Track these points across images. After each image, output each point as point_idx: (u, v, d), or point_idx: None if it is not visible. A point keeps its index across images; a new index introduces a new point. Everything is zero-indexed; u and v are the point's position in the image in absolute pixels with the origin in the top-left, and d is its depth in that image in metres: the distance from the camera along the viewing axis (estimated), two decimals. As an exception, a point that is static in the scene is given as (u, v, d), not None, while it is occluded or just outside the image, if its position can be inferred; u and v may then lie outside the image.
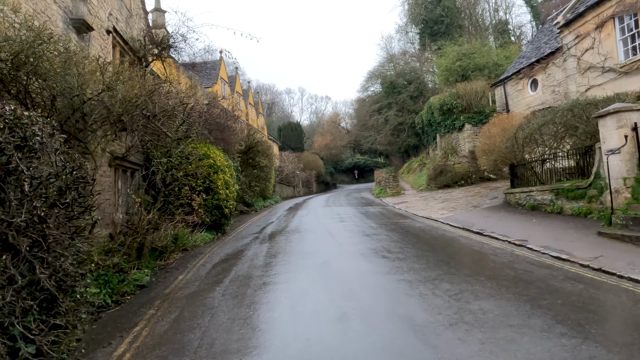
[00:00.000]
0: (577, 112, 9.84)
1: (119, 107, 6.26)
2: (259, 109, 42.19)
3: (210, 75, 30.84)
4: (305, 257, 8.25)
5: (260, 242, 10.56)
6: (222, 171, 12.30)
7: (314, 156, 48.76)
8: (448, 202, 16.13)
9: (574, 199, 9.89)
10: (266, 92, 76.57)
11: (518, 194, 12.41)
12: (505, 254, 7.69)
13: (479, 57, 27.75)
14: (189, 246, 10.21)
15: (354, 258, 7.81)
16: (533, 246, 8.12)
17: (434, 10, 39.81)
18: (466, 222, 11.45)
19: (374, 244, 9.10)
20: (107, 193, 9.36)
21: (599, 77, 15.03)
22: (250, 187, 19.82)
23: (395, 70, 43.65)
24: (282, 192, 31.08)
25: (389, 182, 24.30)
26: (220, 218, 12.22)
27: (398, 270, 6.61)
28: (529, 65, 19.70)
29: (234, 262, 8.35)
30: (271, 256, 8.59)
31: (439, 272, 6.39)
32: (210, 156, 12.05)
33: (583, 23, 15.67)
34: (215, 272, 7.57)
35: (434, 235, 10.06)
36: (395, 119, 40.26)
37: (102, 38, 9.48)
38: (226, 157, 13.36)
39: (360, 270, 6.83)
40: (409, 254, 7.82)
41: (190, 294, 6.28)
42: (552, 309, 4.58)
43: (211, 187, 11.80)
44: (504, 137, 13.05)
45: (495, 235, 9.39)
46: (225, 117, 13.58)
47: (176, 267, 8.29)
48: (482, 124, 21.67)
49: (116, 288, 6.34)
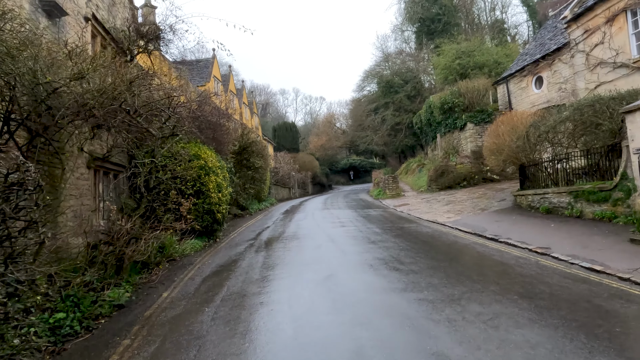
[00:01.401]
0: (599, 107, 9.08)
1: (91, 99, 5.34)
2: (254, 109, 41.24)
3: (202, 73, 29.88)
4: (307, 269, 7.38)
5: (255, 251, 9.66)
6: (214, 173, 11.40)
7: (310, 157, 47.86)
8: (453, 205, 15.34)
9: (596, 202, 9.12)
10: (260, 93, 75.58)
11: (531, 196, 11.64)
12: (529, 264, 6.88)
13: (479, 55, 27.09)
14: (177, 255, 9.30)
15: (362, 270, 6.95)
16: (559, 255, 7.33)
17: (431, 9, 39.16)
18: (477, 227, 10.65)
19: (381, 252, 8.25)
20: (85, 198, 8.42)
21: (610, 73, 14.33)
22: (244, 190, 18.91)
23: (392, 69, 42.91)
24: (277, 194, 30.16)
25: (388, 183, 23.50)
26: (212, 224, 11.31)
27: (415, 286, 5.76)
28: (534, 62, 19.01)
29: (227, 275, 7.46)
30: (268, 268, 7.70)
31: (463, 288, 5.56)
32: (201, 157, 11.14)
33: (592, 17, 14.98)
34: (205, 288, 6.67)
35: (445, 242, 9.24)
36: (393, 118, 39.53)
37: (78, 25, 8.53)
38: (218, 157, 12.45)
39: (372, 286, 5.97)
40: (423, 266, 6.99)
41: (175, 317, 5.38)
42: (613, 341, 3.76)
43: (202, 190, 10.89)
44: (513, 136, 12.29)
45: (512, 242, 8.59)
46: (218, 114, 12.66)
47: (161, 282, 7.37)
48: (484, 123, 20.97)
49: (88, 310, 5.42)
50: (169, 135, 7.36)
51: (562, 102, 17.13)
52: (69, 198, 7.83)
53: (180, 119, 7.98)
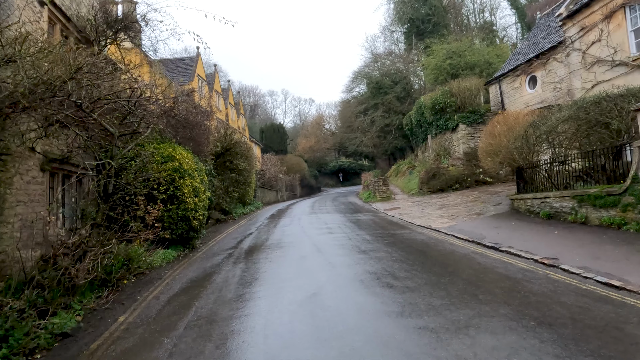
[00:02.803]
0: (606, 105, 8.41)
1: (25, 89, 4.40)
2: (240, 110, 40.18)
3: (186, 72, 28.80)
4: (289, 285, 6.51)
5: (234, 262, 8.75)
6: (190, 176, 10.45)
7: (298, 159, 46.94)
8: (446, 209, 14.62)
9: (603, 207, 8.44)
10: (249, 94, 74.44)
11: (530, 200, 10.95)
12: (539, 279, 6.12)
13: (470, 55, 26.59)
14: (145, 269, 8.33)
15: (352, 288, 6.11)
16: (569, 267, 6.60)
17: (420, 9, 38.74)
18: (474, 234, 9.91)
19: (373, 264, 7.42)
20: (38, 204, 7.41)
21: (608, 71, 13.80)
22: (227, 193, 17.94)
23: (381, 70, 42.31)
24: (264, 197, 29.18)
25: (379, 185, 22.74)
26: (188, 231, 10.34)
27: (413, 309, 4.94)
28: (527, 62, 18.48)
29: (197, 292, 6.53)
30: (245, 284, 6.80)
31: (469, 312, 4.75)
32: (176, 158, 10.18)
33: (589, 14, 14.45)
34: (170, 310, 5.75)
35: (442, 252, 8.45)
36: (382, 120, 38.90)
37: (31, 10, 7.53)
38: (196, 159, 11.50)
39: (363, 309, 5.12)
40: (421, 281, 6.17)
41: (126, 351, 4.45)
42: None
43: (176, 194, 9.93)
44: (511, 137, 11.61)
45: (515, 252, 7.85)
46: (195, 112, 11.72)
47: (121, 301, 6.42)
48: (477, 124, 20.39)
49: (19, 344, 4.46)
50: (130, 133, 6.41)
51: (557, 102, 16.59)
52: (16, 205, 6.84)
53: (146, 116, 7.03)
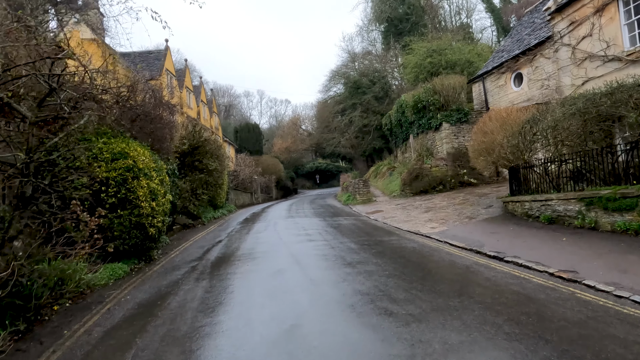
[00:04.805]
0: (619, 97, 7.52)
1: None
2: (213, 108, 38.31)
3: (153, 66, 26.89)
4: (262, 313, 5.17)
5: (196, 279, 7.32)
6: (147, 176, 8.94)
7: (274, 160, 45.40)
8: (434, 212, 13.60)
9: (616, 211, 7.54)
10: (224, 95, 72.20)
11: (528, 202, 10.02)
12: (566, 300, 5.05)
13: (451, 53, 25.95)
14: (84, 289, 6.79)
15: (342, 316, 4.83)
16: (594, 283, 5.57)
17: (399, 8, 38.15)
18: (471, 241, 8.87)
19: (363, 282, 6.19)
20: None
21: (600, 67, 13.17)
22: (196, 196, 16.35)
23: (359, 70, 41.44)
24: (237, 199, 27.56)
25: (359, 187, 21.63)
26: (143, 241, 8.82)
27: (426, 351, 3.71)
28: (513, 58, 17.81)
29: (144, 324, 5.10)
30: (206, 310, 5.42)
31: (500, 354, 3.57)
32: (130, 155, 8.66)
33: (579, 7, 13.81)
34: (101, 354, 4.31)
35: (441, 264, 7.31)
36: (360, 120, 37.99)
37: None
38: (155, 157, 9.97)
39: (358, 350, 3.86)
40: (426, 306, 4.97)
41: None
42: None
43: (129, 198, 8.41)
44: (507, 133, 10.67)
45: (524, 263, 6.81)
46: (155, 103, 10.17)
47: (41, 338, 4.91)
48: (461, 123, 19.61)
49: None
50: (53, 118, 4.92)
51: (544, 99, 15.95)
52: None
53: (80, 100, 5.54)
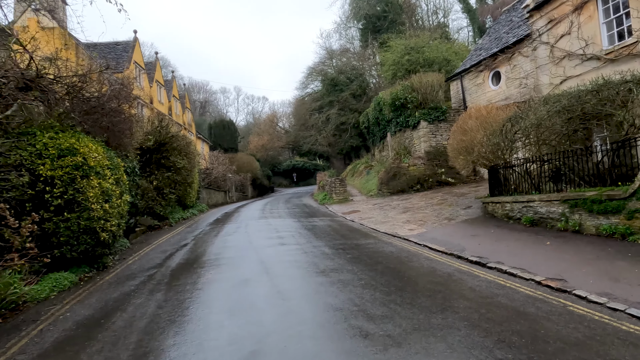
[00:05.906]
0: (607, 94, 7.18)
1: None
2: (186, 104, 36.87)
3: (121, 57, 25.49)
4: (219, 335, 4.46)
5: (150, 290, 6.51)
6: (99, 175, 8.03)
7: (250, 157, 44.28)
8: (412, 213, 13.16)
9: (602, 214, 7.21)
10: (199, 91, 70.32)
11: (509, 203, 9.66)
12: (559, 314, 4.58)
13: (429, 51, 25.72)
14: (18, 302, 5.88)
15: (311, 340, 4.18)
16: (586, 294, 5.15)
17: (377, 6, 37.85)
18: (451, 245, 8.41)
19: (337, 294, 5.56)
20: None
21: (578, 66, 13.02)
22: (162, 195, 15.34)
23: (337, 67, 40.93)
24: (210, 198, 26.50)
25: (335, 186, 21.06)
26: (94, 247, 7.91)
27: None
28: (491, 56, 17.62)
29: (78, 349, 4.30)
30: (155, 332, 4.66)
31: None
32: (79, 151, 7.73)
33: (558, 5, 13.64)
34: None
35: (421, 271, 6.78)
36: (338, 118, 37.53)
37: None
38: (110, 153, 9.03)
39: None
40: (406, 324, 4.39)
41: None
42: None
43: (77, 199, 7.49)
44: (487, 132, 10.30)
45: (508, 269, 6.37)
46: (110, 94, 9.19)
47: (-55, 373, 4.06)
48: (439, 122, 19.32)
49: None
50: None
51: (522, 98, 15.79)
52: None
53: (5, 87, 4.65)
